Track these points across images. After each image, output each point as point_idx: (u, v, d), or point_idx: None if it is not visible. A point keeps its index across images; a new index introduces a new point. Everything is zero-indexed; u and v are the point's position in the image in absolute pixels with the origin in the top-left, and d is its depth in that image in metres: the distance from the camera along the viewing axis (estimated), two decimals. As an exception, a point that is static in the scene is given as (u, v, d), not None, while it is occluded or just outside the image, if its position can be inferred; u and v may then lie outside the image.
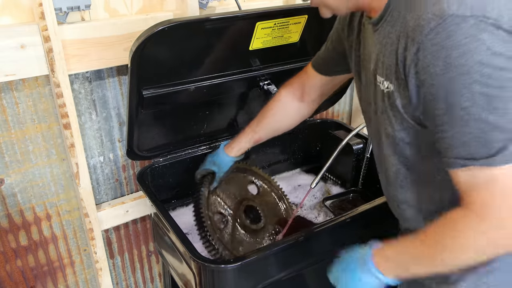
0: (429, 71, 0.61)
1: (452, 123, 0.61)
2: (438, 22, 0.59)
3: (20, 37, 1.03)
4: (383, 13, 0.71)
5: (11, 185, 1.21)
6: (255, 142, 1.14)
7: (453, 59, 0.59)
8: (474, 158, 0.61)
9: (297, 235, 1.00)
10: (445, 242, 0.66)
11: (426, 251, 0.70)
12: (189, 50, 1.04)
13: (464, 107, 0.59)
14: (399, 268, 0.74)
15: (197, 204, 1.14)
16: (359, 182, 1.45)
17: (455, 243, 0.65)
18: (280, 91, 1.11)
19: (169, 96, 1.09)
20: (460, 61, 0.58)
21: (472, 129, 0.60)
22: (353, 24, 0.89)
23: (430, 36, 0.60)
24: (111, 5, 1.17)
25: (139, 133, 1.17)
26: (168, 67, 1.04)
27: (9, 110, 1.14)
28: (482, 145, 0.60)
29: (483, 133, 0.59)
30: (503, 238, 0.62)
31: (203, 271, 0.98)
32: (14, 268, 1.29)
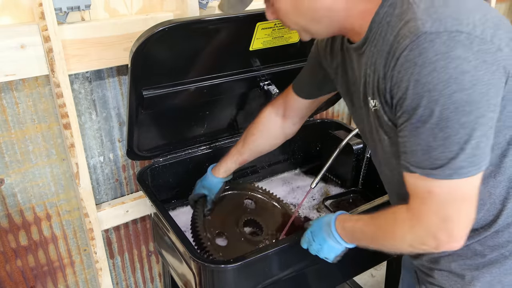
0: (401, 85, 0.65)
1: (408, 131, 0.66)
2: (412, 39, 0.62)
3: (20, 37, 1.03)
4: (366, 35, 0.72)
5: (11, 185, 1.21)
6: (240, 163, 1.17)
7: (422, 76, 0.61)
8: (419, 167, 0.66)
9: (297, 235, 1.00)
10: (383, 230, 0.77)
11: (372, 233, 0.80)
12: (189, 50, 1.04)
13: (421, 120, 0.63)
14: (353, 239, 0.86)
15: (194, 228, 1.15)
16: (359, 182, 1.45)
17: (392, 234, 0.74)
18: (264, 110, 1.12)
19: (169, 96, 1.09)
20: (428, 78, 0.61)
21: (421, 141, 0.64)
22: (334, 50, 0.89)
23: (405, 53, 0.63)
24: (111, 5, 1.17)
25: (139, 133, 1.17)
26: (168, 67, 1.04)
27: (9, 110, 1.14)
28: (427, 158, 0.64)
29: (429, 147, 0.64)
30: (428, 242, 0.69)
31: (203, 271, 0.98)
32: (14, 268, 1.29)
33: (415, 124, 0.64)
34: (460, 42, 0.60)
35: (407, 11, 0.64)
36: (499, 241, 0.76)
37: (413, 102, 0.63)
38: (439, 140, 0.63)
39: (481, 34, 0.61)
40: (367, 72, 0.74)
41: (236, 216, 1.24)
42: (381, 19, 0.69)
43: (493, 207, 0.75)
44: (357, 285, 1.71)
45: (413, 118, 0.64)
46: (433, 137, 0.63)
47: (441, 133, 0.62)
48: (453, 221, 0.66)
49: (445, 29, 0.60)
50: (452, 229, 0.66)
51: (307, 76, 1.03)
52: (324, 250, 0.91)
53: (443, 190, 0.65)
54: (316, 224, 0.94)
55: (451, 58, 0.60)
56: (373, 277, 1.97)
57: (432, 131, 0.63)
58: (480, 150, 0.63)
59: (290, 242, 1.00)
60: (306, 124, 1.55)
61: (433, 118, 0.62)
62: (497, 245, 0.76)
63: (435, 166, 0.64)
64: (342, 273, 1.25)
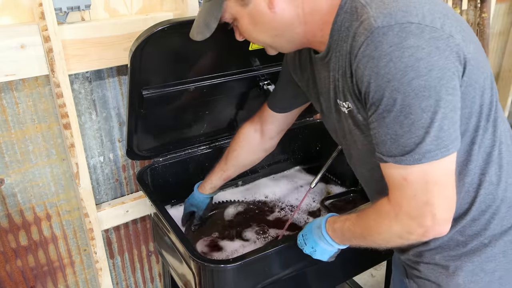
0: (363, 80, 0.68)
1: (376, 122, 0.69)
2: (367, 35, 0.65)
3: (20, 37, 1.03)
4: (329, 44, 0.76)
5: (11, 185, 1.21)
6: (225, 179, 1.21)
7: (380, 68, 0.65)
8: (390, 156, 0.68)
9: (296, 235, 1.00)
10: (370, 225, 0.77)
11: (359, 231, 0.81)
12: (188, 50, 1.04)
13: (386, 110, 0.66)
14: (344, 239, 0.87)
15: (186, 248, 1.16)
16: (359, 182, 1.45)
17: (379, 228, 0.75)
18: (243, 127, 1.16)
19: (169, 96, 1.09)
20: (386, 69, 0.64)
21: (389, 130, 0.67)
22: (302, 63, 0.93)
23: (362, 49, 0.67)
24: (111, 5, 1.17)
25: (138, 133, 1.17)
26: (167, 67, 1.05)
27: (9, 110, 1.14)
28: (397, 146, 0.67)
29: (397, 135, 0.67)
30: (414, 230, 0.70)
31: (202, 271, 0.98)
32: (14, 268, 1.30)
33: (381, 114, 0.67)
34: (411, 32, 0.63)
35: (361, 13, 0.68)
36: (477, 229, 0.79)
37: (376, 94, 0.66)
38: (404, 126, 0.65)
39: (431, 23, 0.65)
40: (335, 77, 0.77)
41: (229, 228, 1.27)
42: (340, 26, 0.72)
43: (467, 195, 0.77)
44: (357, 285, 1.71)
45: (379, 109, 0.67)
46: (399, 124, 0.66)
47: (405, 120, 0.65)
48: (433, 205, 0.67)
49: (396, 22, 0.64)
50: (434, 212, 0.68)
51: (279, 91, 1.07)
52: (317, 253, 0.92)
53: (417, 175, 0.67)
54: (307, 227, 0.95)
55: (405, 47, 0.63)
56: (373, 277, 1.97)
57: (397, 119, 0.66)
58: (444, 132, 0.66)
59: (290, 242, 1.00)
60: (306, 124, 1.56)
61: (396, 106, 0.65)
62: (476, 233, 0.79)
63: (404, 152, 0.67)
64: (342, 273, 1.25)
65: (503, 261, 0.79)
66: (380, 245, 0.79)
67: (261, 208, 1.40)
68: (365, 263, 1.28)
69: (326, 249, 0.90)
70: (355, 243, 0.84)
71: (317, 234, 0.90)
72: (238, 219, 1.34)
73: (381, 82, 0.65)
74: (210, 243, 1.23)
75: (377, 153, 0.71)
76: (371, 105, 0.69)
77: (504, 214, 0.79)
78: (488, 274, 0.79)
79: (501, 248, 0.79)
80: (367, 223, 0.79)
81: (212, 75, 1.13)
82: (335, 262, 0.96)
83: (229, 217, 1.35)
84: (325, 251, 0.91)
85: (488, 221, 0.78)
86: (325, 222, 0.89)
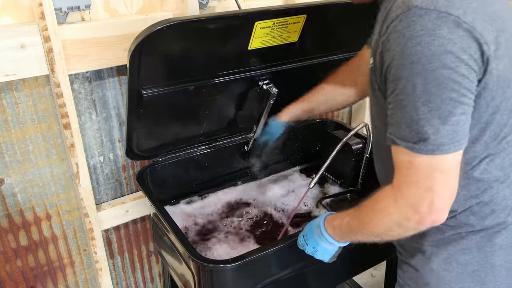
0: (388, 54, 0.68)
1: (394, 103, 0.68)
2: (403, 10, 0.65)
3: (20, 37, 1.03)
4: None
5: (11, 185, 1.21)
6: (307, 112, 1.17)
7: (407, 47, 0.64)
8: (403, 140, 0.68)
9: (296, 235, 1.00)
10: (369, 215, 0.77)
11: (358, 222, 0.80)
12: (188, 50, 1.04)
13: (405, 93, 0.66)
14: (344, 236, 0.86)
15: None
16: (359, 182, 1.45)
17: (377, 215, 0.75)
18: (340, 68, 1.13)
19: (168, 96, 1.09)
20: (412, 50, 0.64)
21: (405, 114, 0.67)
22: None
23: (395, 23, 0.66)
24: (111, 5, 1.17)
25: (138, 133, 1.17)
26: (167, 66, 1.05)
27: (9, 110, 1.14)
28: (410, 131, 0.67)
29: (412, 120, 0.66)
30: (412, 216, 0.70)
31: (202, 271, 0.98)
32: (14, 268, 1.30)
33: (399, 96, 0.67)
34: (447, 23, 0.63)
35: None
36: (457, 222, 0.80)
37: (397, 72, 0.66)
38: (421, 113, 0.65)
39: (470, 22, 0.64)
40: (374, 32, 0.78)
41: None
42: None
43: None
44: (357, 285, 1.71)
45: (397, 88, 0.67)
46: (416, 110, 0.65)
47: (423, 107, 0.65)
48: (434, 192, 0.68)
49: (435, 8, 0.63)
50: (433, 199, 0.68)
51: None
52: (318, 253, 0.92)
53: (424, 163, 0.67)
54: (307, 227, 0.95)
55: (437, 36, 0.63)
56: (373, 277, 1.97)
57: (415, 104, 0.65)
58: (460, 127, 0.66)
59: (289, 242, 1.00)
60: (306, 124, 1.55)
61: (416, 91, 0.65)
62: (455, 225, 0.80)
63: (417, 140, 0.66)
64: (342, 273, 1.25)
65: (477, 256, 0.81)
66: (379, 236, 0.78)
67: (261, 208, 1.40)
68: (365, 263, 1.28)
69: (327, 249, 0.90)
70: (355, 239, 0.84)
71: (317, 233, 0.90)
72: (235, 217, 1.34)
73: (405, 62, 0.65)
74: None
75: (390, 134, 0.71)
76: (391, 82, 0.69)
77: (486, 214, 0.79)
78: (461, 266, 0.81)
79: (477, 243, 0.80)
80: (365, 213, 0.78)
81: (211, 74, 1.13)
82: (335, 262, 0.96)
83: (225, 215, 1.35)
84: (326, 251, 0.91)
85: (468, 217, 0.80)
86: (324, 220, 0.89)
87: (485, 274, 0.81)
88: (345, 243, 0.89)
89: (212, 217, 1.34)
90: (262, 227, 1.31)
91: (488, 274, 0.81)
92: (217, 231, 1.28)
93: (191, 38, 1.01)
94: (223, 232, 1.28)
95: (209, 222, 1.32)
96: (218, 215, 1.36)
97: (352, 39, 1.32)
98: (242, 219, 1.34)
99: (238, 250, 1.20)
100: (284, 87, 1.24)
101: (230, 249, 1.21)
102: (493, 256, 0.80)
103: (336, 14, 1.19)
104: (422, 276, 0.86)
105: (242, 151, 1.45)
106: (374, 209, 0.76)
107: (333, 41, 1.29)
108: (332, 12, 1.18)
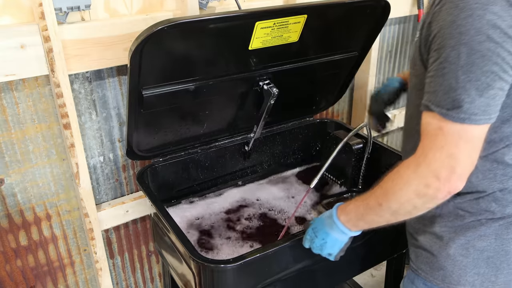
0: (437, 24, 0.71)
1: (435, 71, 0.71)
2: None
3: (20, 37, 1.03)
4: None
5: (11, 185, 1.21)
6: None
7: (458, 18, 0.67)
8: (437, 105, 0.70)
9: (296, 235, 1.00)
10: (387, 187, 0.78)
11: (375, 198, 0.81)
12: (188, 50, 1.04)
13: (448, 61, 0.68)
14: (358, 219, 0.86)
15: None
16: (359, 182, 1.45)
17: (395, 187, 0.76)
18: None
19: (168, 96, 1.09)
20: (463, 21, 0.66)
21: (445, 81, 0.69)
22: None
23: None
24: (111, 5, 1.17)
25: (138, 133, 1.17)
26: (167, 66, 1.04)
27: (9, 110, 1.14)
28: (446, 98, 0.69)
29: (450, 88, 0.69)
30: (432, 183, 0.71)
31: (202, 271, 0.98)
32: (14, 268, 1.30)
33: (442, 64, 0.69)
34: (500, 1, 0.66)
35: None
36: (479, 208, 0.82)
37: (444, 40, 0.69)
38: (460, 82, 0.67)
39: None
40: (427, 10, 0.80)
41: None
42: None
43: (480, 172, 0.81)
44: (357, 285, 1.71)
45: (441, 57, 0.69)
46: (456, 79, 0.68)
47: (463, 76, 0.67)
48: (457, 159, 0.69)
49: None
50: (454, 166, 0.69)
51: None
52: (327, 245, 0.92)
53: (454, 130, 0.69)
54: (317, 220, 0.95)
55: (489, 11, 0.66)
56: (373, 277, 1.97)
57: (456, 73, 0.68)
58: (495, 102, 0.68)
59: (290, 242, 1.00)
60: (306, 124, 1.56)
61: (459, 61, 0.67)
62: (476, 211, 0.82)
63: (451, 107, 0.68)
64: (342, 273, 1.25)
65: (494, 243, 0.83)
66: (395, 213, 0.79)
67: (261, 208, 1.40)
68: (365, 263, 1.28)
69: (338, 239, 0.90)
70: (370, 220, 0.84)
71: (328, 223, 0.91)
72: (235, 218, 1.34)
73: (454, 32, 0.67)
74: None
75: (426, 101, 0.72)
76: (435, 51, 0.71)
77: (508, 202, 0.81)
78: (478, 252, 0.83)
79: (495, 231, 0.82)
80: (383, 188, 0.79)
81: (212, 75, 1.13)
82: (335, 262, 0.96)
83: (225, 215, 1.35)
84: (336, 241, 0.91)
85: (490, 204, 0.81)
86: (336, 209, 0.90)
87: (500, 261, 0.83)
88: (356, 232, 0.89)
89: (213, 217, 1.34)
90: (262, 227, 1.31)
91: (503, 261, 0.83)
92: (218, 231, 1.29)
93: (192, 38, 1.01)
94: (223, 232, 1.28)
95: (209, 222, 1.32)
96: (219, 215, 1.36)
97: (352, 39, 1.32)
98: (242, 219, 1.34)
99: (239, 250, 1.20)
100: (285, 87, 1.24)
101: (230, 249, 1.21)
102: (509, 244, 0.83)
103: (337, 14, 1.19)
104: (438, 261, 0.87)
105: (242, 151, 1.45)
106: (394, 179, 0.77)
107: (334, 41, 1.29)
108: (332, 12, 1.18)
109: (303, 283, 1.12)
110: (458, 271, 0.85)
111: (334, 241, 0.91)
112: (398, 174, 0.76)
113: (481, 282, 0.85)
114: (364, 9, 1.21)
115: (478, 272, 0.84)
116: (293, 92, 1.40)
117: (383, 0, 1.19)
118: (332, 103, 1.59)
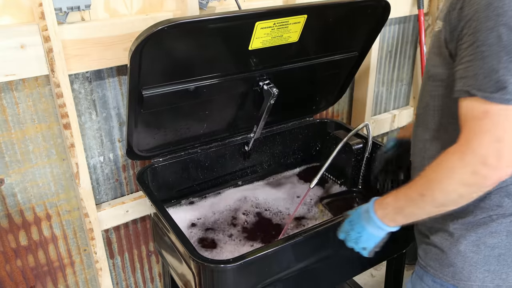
0: (470, 8, 0.69)
1: (472, 55, 0.69)
2: None
3: (20, 37, 1.03)
4: None
5: (11, 185, 1.21)
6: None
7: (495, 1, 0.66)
8: (479, 89, 0.68)
9: (296, 235, 1.00)
10: (430, 178, 0.75)
11: (416, 189, 0.78)
12: (188, 50, 1.04)
13: (488, 44, 0.67)
14: (396, 213, 0.83)
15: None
16: (359, 182, 1.45)
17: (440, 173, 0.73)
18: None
19: (168, 96, 1.09)
20: (500, 3, 0.66)
21: (486, 64, 0.67)
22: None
23: None
24: (111, 5, 1.17)
25: (138, 133, 1.17)
26: (167, 67, 1.05)
27: (9, 110, 1.14)
28: (489, 81, 0.67)
29: (493, 70, 0.67)
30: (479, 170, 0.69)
31: (202, 271, 0.98)
32: (14, 268, 1.30)
33: (480, 48, 0.68)
34: None
35: None
36: (490, 204, 0.81)
37: (479, 24, 0.68)
38: (503, 62, 0.66)
39: None
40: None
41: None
42: None
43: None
44: (357, 285, 1.71)
45: (478, 41, 0.68)
46: (498, 60, 0.66)
47: (506, 56, 0.66)
48: (505, 143, 0.67)
49: None
50: (502, 150, 0.67)
51: None
52: (363, 239, 0.90)
53: (499, 112, 0.67)
54: (354, 213, 0.94)
55: None
56: (373, 277, 1.97)
57: (498, 54, 0.66)
58: None
59: (290, 242, 1.00)
60: (305, 124, 1.56)
61: (501, 42, 0.66)
62: (487, 207, 0.81)
63: (495, 89, 0.67)
64: (342, 273, 1.25)
65: (505, 240, 0.82)
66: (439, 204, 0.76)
67: (262, 208, 1.40)
68: (365, 263, 1.28)
69: (373, 234, 0.89)
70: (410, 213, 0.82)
71: (365, 218, 0.89)
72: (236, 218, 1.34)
73: (491, 14, 0.66)
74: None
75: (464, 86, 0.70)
76: (470, 35, 0.69)
77: None
78: (488, 249, 0.83)
79: (507, 227, 0.81)
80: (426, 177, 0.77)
81: (212, 75, 1.13)
82: (335, 262, 0.96)
83: (226, 215, 1.36)
84: (372, 236, 0.89)
85: (503, 199, 0.80)
86: (373, 204, 0.88)
87: (511, 258, 0.83)
88: (394, 228, 0.87)
89: (213, 217, 1.34)
90: (262, 227, 1.31)
91: None
92: (218, 231, 1.29)
93: (192, 38, 1.01)
94: (223, 232, 1.28)
95: (209, 222, 1.32)
96: (219, 215, 1.36)
97: (353, 39, 1.32)
98: (242, 219, 1.34)
99: (239, 250, 1.20)
100: (285, 87, 1.24)
101: (230, 249, 1.21)
102: None
103: (337, 14, 1.19)
104: (448, 257, 0.87)
105: (242, 151, 1.45)
106: (437, 170, 0.74)
107: (334, 41, 1.30)
108: (332, 12, 1.18)
109: (303, 283, 1.12)
110: (469, 267, 0.84)
111: (370, 236, 0.89)
112: (442, 163, 0.73)
113: (491, 279, 0.84)
114: (364, 9, 1.21)
115: (489, 269, 0.84)
116: (293, 92, 1.40)
117: (384, 0, 1.19)
118: (332, 103, 1.59)
